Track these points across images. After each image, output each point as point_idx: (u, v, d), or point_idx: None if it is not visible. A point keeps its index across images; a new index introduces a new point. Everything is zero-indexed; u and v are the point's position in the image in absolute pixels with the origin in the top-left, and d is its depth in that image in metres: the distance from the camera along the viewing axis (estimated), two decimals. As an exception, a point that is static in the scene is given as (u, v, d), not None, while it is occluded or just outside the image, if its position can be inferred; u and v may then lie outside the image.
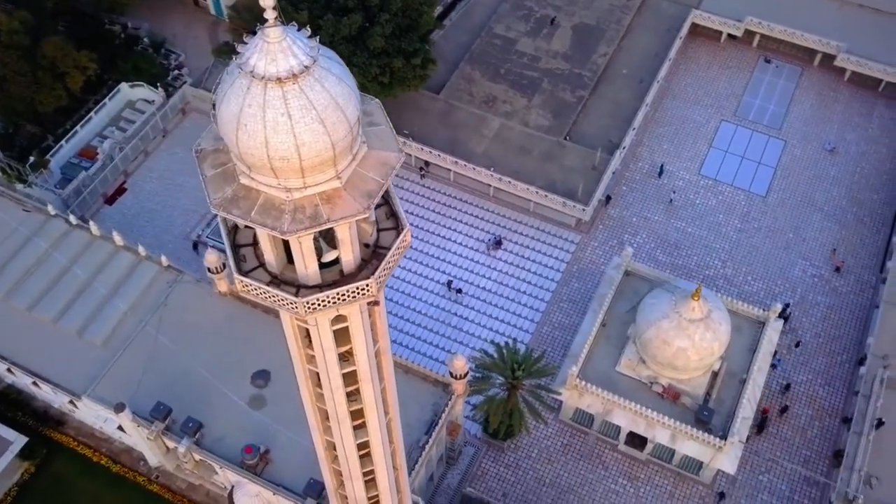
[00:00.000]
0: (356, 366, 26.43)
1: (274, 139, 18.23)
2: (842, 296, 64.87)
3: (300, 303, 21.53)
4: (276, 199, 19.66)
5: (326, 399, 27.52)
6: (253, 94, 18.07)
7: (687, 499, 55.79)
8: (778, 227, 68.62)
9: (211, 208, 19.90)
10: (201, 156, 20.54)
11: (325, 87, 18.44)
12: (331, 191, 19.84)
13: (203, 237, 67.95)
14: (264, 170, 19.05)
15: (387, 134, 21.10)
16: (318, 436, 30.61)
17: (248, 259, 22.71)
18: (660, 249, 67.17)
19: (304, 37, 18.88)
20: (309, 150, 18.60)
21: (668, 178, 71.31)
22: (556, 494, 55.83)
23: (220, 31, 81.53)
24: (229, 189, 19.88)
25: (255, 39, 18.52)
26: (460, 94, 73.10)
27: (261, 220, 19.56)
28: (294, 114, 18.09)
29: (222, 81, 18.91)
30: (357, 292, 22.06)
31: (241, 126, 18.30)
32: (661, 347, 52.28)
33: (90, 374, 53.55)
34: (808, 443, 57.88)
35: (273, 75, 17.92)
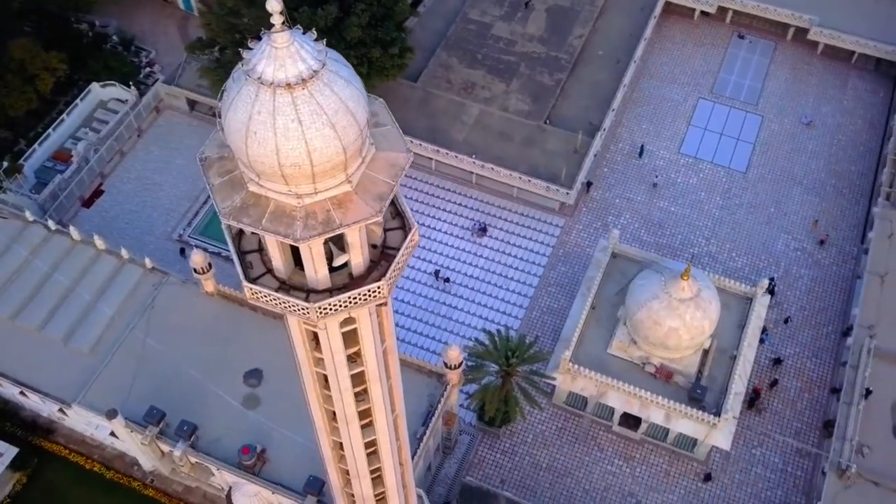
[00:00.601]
0: (365, 366, 26.24)
1: (285, 146, 17.89)
2: (824, 268, 65.59)
3: (312, 308, 21.26)
4: (287, 206, 19.34)
5: (335, 401, 27.28)
6: (262, 101, 17.70)
7: (682, 476, 56.33)
8: (759, 202, 69.16)
9: (221, 218, 19.48)
10: (206, 164, 20.14)
11: (335, 91, 18.12)
12: (341, 195, 19.55)
13: (185, 237, 67.15)
14: (275, 177, 18.72)
15: (393, 134, 20.83)
16: (324, 437, 30.39)
17: (254, 266, 22.39)
18: (644, 229, 67.45)
19: (310, 40, 18.50)
20: (320, 155, 18.29)
21: (648, 157, 71.54)
22: (554, 478, 56.12)
23: (191, 27, 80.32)
24: (238, 197, 19.52)
25: (260, 45, 18.13)
26: (438, 81, 72.67)
27: (272, 227, 19.24)
28: (304, 119, 17.76)
29: (228, 89, 18.51)
30: (369, 295, 21.83)
31: (251, 134, 17.94)
32: (652, 328, 52.57)
33: (79, 381, 52.78)
34: (798, 415, 58.63)
35: (282, 81, 17.57)
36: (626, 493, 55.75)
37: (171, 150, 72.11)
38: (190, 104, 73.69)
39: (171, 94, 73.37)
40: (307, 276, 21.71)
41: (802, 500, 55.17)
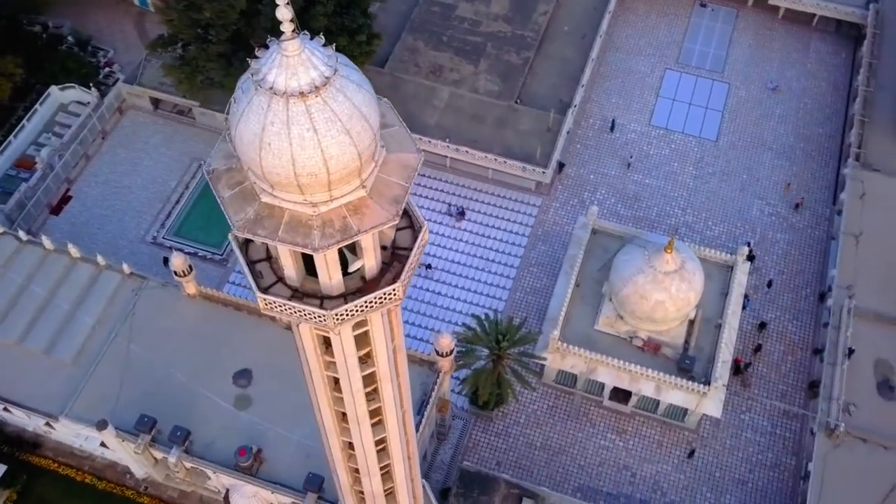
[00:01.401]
0: (376, 366, 26.04)
1: (301, 156, 17.50)
2: (799, 231, 66.53)
3: (329, 315, 20.96)
4: (303, 216, 18.96)
5: (346, 403, 27.05)
6: (275, 112, 17.26)
7: (674, 446, 57.06)
8: (731, 169, 69.81)
9: (235, 231, 19.05)
10: (214, 176, 19.64)
11: (348, 97, 17.74)
12: (357, 200, 19.22)
13: (160, 238, 66.06)
14: (290, 187, 18.31)
15: (402, 135, 20.49)
16: (334, 439, 30.18)
17: (265, 275, 21.97)
18: (620, 204, 67.77)
19: (319, 45, 18.07)
20: (337, 162, 17.93)
21: (620, 131, 71.75)
22: (549, 456, 56.52)
23: (148, 23, 78.53)
24: (251, 209, 19.08)
25: (269, 53, 17.66)
26: (406, 65, 72.02)
27: (290, 238, 18.86)
28: (320, 128, 17.37)
29: (236, 100, 18.01)
30: (385, 298, 21.58)
31: (265, 146, 17.50)
32: (638, 303, 52.94)
33: (64, 393, 51.82)
34: (783, 378, 59.61)
35: (295, 90, 17.14)
36: (620, 467, 56.35)
37: (138, 151, 70.71)
38: (153, 103, 72.25)
39: (133, 93, 71.82)
40: (321, 283, 21.38)
41: (793, 461, 56.24)
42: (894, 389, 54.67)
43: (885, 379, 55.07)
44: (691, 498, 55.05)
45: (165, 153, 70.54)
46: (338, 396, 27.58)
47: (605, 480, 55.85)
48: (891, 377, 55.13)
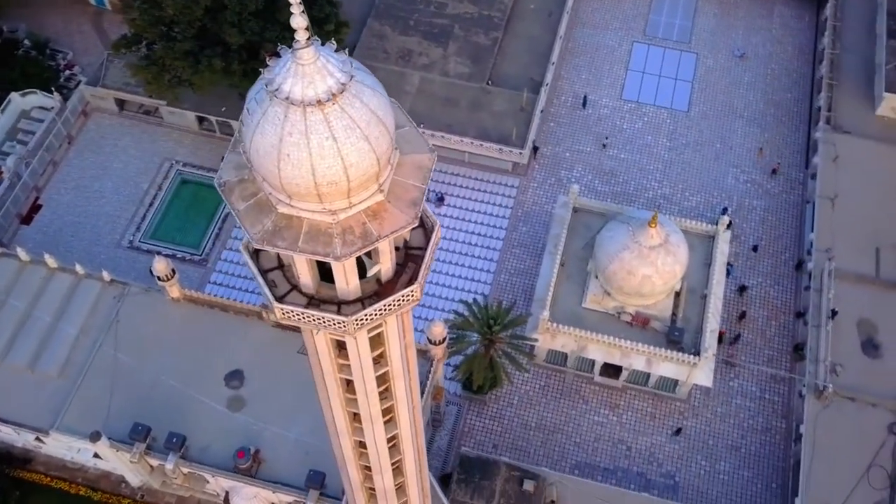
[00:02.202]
0: (389, 366, 25.87)
1: (321, 165, 17.16)
2: (774, 196, 67.29)
3: (350, 321, 20.71)
4: (322, 224, 18.63)
5: (360, 403, 26.86)
6: (292, 122, 16.88)
7: (667, 417, 57.74)
8: (704, 139, 70.28)
9: (254, 244, 18.69)
10: (226, 189, 19.20)
11: (364, 102, 17.40)
12: (375, 205, 18.94)
13: (136, 242, 64.98)
14: (309, 197, 17.97)
15: (413, 135, 20.22)
16: (346, 439, 29.96)
17: (278, 283, 21.63)
18: (597, 180, 67.98)
19: (331, 50, 17.68)
20: (356, 170, 17.63)
21: (592, 107, 71.85)
22: (545, 436, 56.90)
23: (106, 23, 76.85)
24: (268, 221, 18.71)
25: (283, 62, 17.24)
26: (374, 52, 71.28)
27: (310, 248, 18.53)
28: (339, 136, 17.03)
29: (250, 112, 17.56)
30: (403, 300, 21.38)
31: (284, 157, 17.12)
32: (626, 278, 53.24)
33: (53, 407, 51.07)
34: (768, 342, 60.48)
35: (312, 99, 16.75)
36: (616, 441, 56.92)
37: (107, 155, 69.30)
38: (119, 104, 70.79)
39: (97, 95, 70.27)
40: (338, 289, 21.09)
41: (783, 424, 57.21)
42: (878, 348, 55.75)
43: (868, 338, 56.11)
44: (687, 467, 55.81)
45: (135, 155, 69.26)
46: (350, 398, 27.36)
47: (601, 456, 56.38)
48: (874, 336, 56.19)
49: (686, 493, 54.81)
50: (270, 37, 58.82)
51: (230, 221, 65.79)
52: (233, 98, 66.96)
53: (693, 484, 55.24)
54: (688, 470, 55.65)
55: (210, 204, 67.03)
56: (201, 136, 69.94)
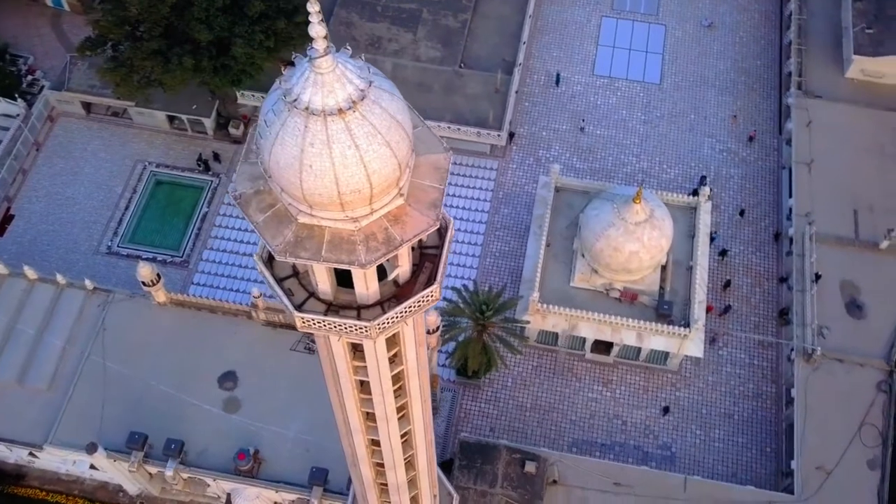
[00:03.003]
0: (404, 364, 25.76)
1: (344, 174, 16.89)
2: (750, 164, 67.88)
3: (373, 326, 20.52)
4: (344, 232, 18.37)
5: (376, 403, 26.73)
6: (314, 132, 16.56)
7: (659, 389, 58.31)
8: (678, 111, 70.59)
9: (276, 256, 18.39)
10: (243, 201, 18.85)
11: (383, 107, 17.14)
12: (396, 209, 18.72)
13: (115, 247, 63.91)
14: (331, 206, 17.70)
15: (427, 135, 19.98)
16: (360, 438, 29.86)
17: (295, 292, 21.36)
18: (575, 157, 68.07)
19: (347, 56, 17.35)
20: (379, 176, 17.38)
21: (565, 85, 71.77)
22: (541, 416, 57.23)
23: (65, 24, 75.05)
24: (288, 232, 18.41)
25: (300, 72, 16.86)
26: (343, 41, 69.25)
27: (335, 257, 18.28)
28: (361, 144, 16.76)
29: (268, 123, 17.17)
30: (423, 301, 21.23)
31: (306, 168, 16.81)
32: (613, 255, 53.49)
33: (45, 420, 50.43)
34: (753, 309, 61.20)
35: (333, 108, 16.44)
36: (611, 416, 57.41)
37: (77, 160, 67.94)
38: (85, 107, 69.35)
39: (62, 99, 68.76)
40: (357, 294, 20.89)
41: (773, 388, 58.04)
42: (862, 308, 56.70)
43: (852, 299, 57.04)
44: (682, 437, 56.51)
45: (106, 158, 67.97)
46: (365, 398, 27.22)
47: (597, 432, 56.87)
48: (857, 297, 57.13)
49: (683, 463, 55.52)
50: (240, 32, 57.92)
51: (209, 221, 65.03)
52: (203, 95, 66.01)
53: (689, 453, 55.96)
54: (683, 440, 56.35)
55: (187, 204, 66.19)
56: (173, 136, 68.83)
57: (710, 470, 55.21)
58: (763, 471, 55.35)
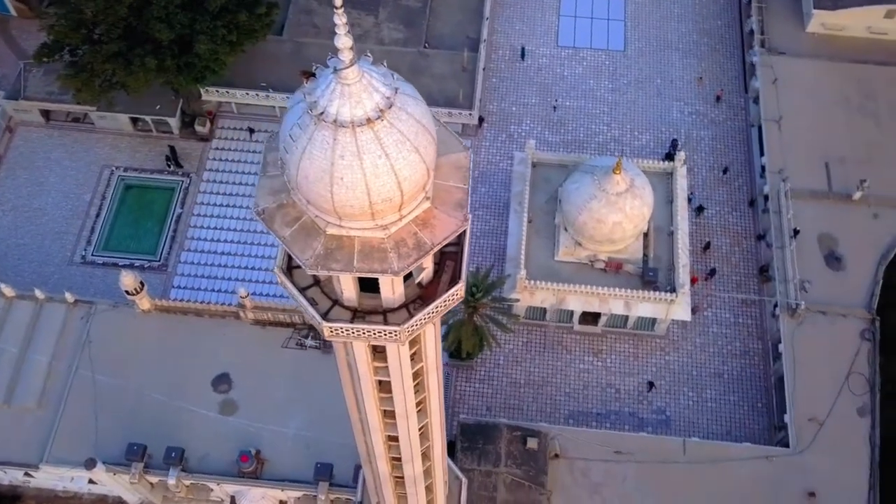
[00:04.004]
0: (424, 362, 25.72)
1: (376, 184, 16.63)
2: (719, 124, 68.44)
3: (402, 330, 20.37)
4: (374, 240, 18.13)
5: (396, 401, 26.65)
6: (343, 145, 16.24)
7: (649, 354, 58.99)
8: (644, 76, 70.82)
9: (307, 269, 18.10)
10: (267, 216, 18.47)
11: (409, 113, 16.86)
12: (423, 213, 18.51)
13: (90, 256, 62.66)
14: (362, 216, 17.45)
15: (445, 134, 19.70)
16: (378, 435, 29.78)
17: (318, 300, 21.10)
18: (547, 130, 68.08)
19: (369, 63, 17.01)
20: (409, 183, 17.16)
21: (531, 58, 71.55)
22: (535, 391, 57.64)
23: (14, 30, 72.68)
24: (317, 244, 18.11)
25: (324, 84, 16.48)
26: (304, 28, 69.42)
27: (367, 267, 18.05)
28: (391, 152, 16.50)
29: (294, 138, 16.77)
30: (449, 301, 21.13)
31: (337, 181, 16.51)
32: (596, 227, 53.73)
33: (38, 439, 49.64)
34: (734, 268, 62.00)
35: (361, 119, 16.13)
36: (604, 386, 58.01)
37: (41, 170, 66.26)
38: (44, 115, 67.52)
39: (20, 108, 66.85)
40: (383, 298, 20.68)
41: (759, 345, 59.00)
42: (841, 260, 57.77)
43: (830, 251, 58.07)
44: (675, 400, 57.32)
45: (71, 166, 66.41)
46: (384, 396, 27.12)
47: (592, 402, 57.45)
48: (835, 249, 58.17)
49: (678, 426, 56.38)
50: (201, 28, 56.68)
51: (184, 222, 64.00)
52: (165, 94, 64.64)
53: (683, 415, 56.81)
54: (677, 403, 57.17)
55: (159, 206, 65.07)
56: (138, 138, 67.40)
57: (705, 430, 56.15)
58: (756, 426, 56.42)
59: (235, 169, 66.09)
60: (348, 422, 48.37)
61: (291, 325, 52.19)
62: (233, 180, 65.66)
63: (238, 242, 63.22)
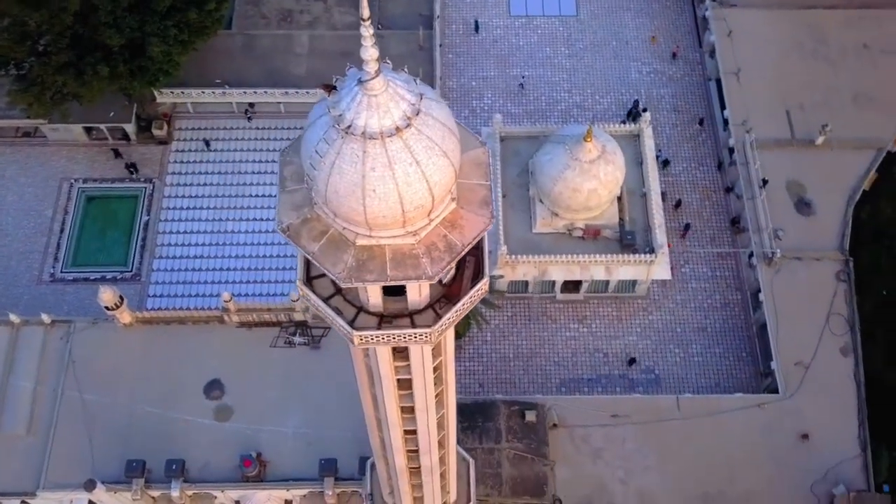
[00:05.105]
0: (443, 356, 25.69)
1: (408, 192, 16.38)
2: (678, 81, 68.95)
3: (433, 332, 20.24)
4: (405, 247, 17.91)
5: (417, 397, 26.61)
6: (373, 156, 15.95)
7: (632, 316, 59.68)
8: (599, 40, 70.90)
9: (340, 283, 17.83)
10: (293, 233, 18.11)
11: (435, 117, 16.61)
12: (450, 215, 18.32)
13: (58, 273, 61.15)
14: (393, 225, 17.21)
15: (462, 131, 19.39)
16: (396, 431, 29.73)
17: (343, 309, 20.84)
18: (509, 102, 67.96)
19: (390, 70, 16.69)
20: (440, 187, 16.95)
21: (485, 30, 71.20)
22: (525, 363, 58.03)
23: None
24: (348, 257, 17.83)
25: (348, 95, 16.14)
26: (253, 20, 68.12)
27: (401, 274, 17.83)
28: (421, 158, 16.25)
29: (321, 154, 16.35)
30: (476, 297, 21.03)
31: (369, 193, 16.22)
32: (572, 196, 53.92)
33: (32, 466, 48.48)
34: (706, 223, 62.82)
35: (390, 129, 15.85)
36: (591, 351, 58.59)
37: (-4, 189, 64.38)
38: (-9, 133, 65.50)
39: (-37, 125, 64.70)
40: (409, 301, 20.50)
41: (738, 295, 60.02)
42: (810, 205, 58.91)
43: (799, 198, 59.16)
44: (663, 358, 58.15)
45: (28, 182, 64.46)
46: (404, 393, 27.05)
47: (582, 368, 58.04)
48: (804, 195, 59.28)
49: (668, 383, 57.26)
50: (151, 30, 55.17)
51: (152, 229, 62.71)
52: (118, 101, 62.95)
53: (672, 372, 57.71)
54: (665, 361, 58.01)
55: (124, 215, 63.63)
56: (94, 147, 65.65)
57: (694, 385, 57.13)
58: (743, 375, 57.58)
59: (198, 170, 64.84)
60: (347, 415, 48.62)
61: (278, 324, 51.66)
62: (197, 181, 64.44)
63: (210, 244, 62.20)
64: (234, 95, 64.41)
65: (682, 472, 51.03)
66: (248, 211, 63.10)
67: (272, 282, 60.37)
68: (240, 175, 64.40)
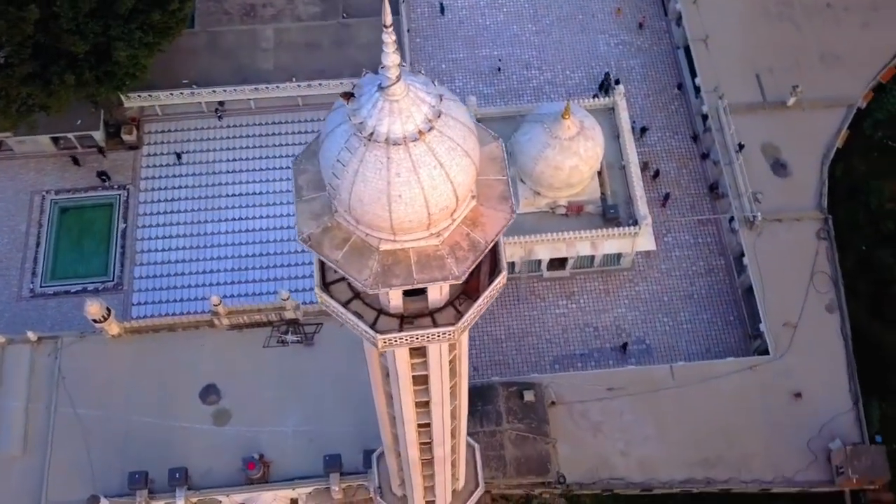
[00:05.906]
0: (458, 349, 25.68)
1: (433, 195, 16.24)
2: (646, 51, 69.08)
3: (457, 329, 20.20)
4: (429, 249, 17.79)
5: (433, 391, 26.60)
6: (398, 162, 15.77)
7: (619, 288, 60.07)
8: (566, 14, 70.72)
9: (367, 290, 17.68)
10: (314, 242, 17.89)
11: (455, 118, 16.45)
12: (471, 213, 18.23)
13: (38, 288, 60.08)
14: (419, 229, 17.09)
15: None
16: (410, 426, 29.73)
17: (364, 313, 20.71)
18: (481, 83, 67.69)
19: (407, 73, 16.46)
20: (463, 187, 16.82)
21: (451, 12, 70.70)
22: (517, 344, 58.24)
23: None
24: (373, 262, 17.67)
25: (368, 102, 15.87)
26: (216, 17, 66.97)
27: (428, 276, 17.72)
28: (444, 160, 16.10)
29: (344, 163, 16.10)
30: (494, 291, 21.00)
31: (395, 199, 16.05)
32: (554, 174, 53.98)
33: (31, 486, 48.09)
34: (685, 190, 63.24)
35: (413, 133, 15.66)
36: (582, 326, 58.94)
37: (-35, 206, 62.97)
38: (-44, 148, 63.94)
39: (-69, 142, 63.08)
40: (429, 300, 20.43)
41: (721, 261, 60.58)
42: (786, 166, 59.56)
43: (775, 160, 59.76)
44: (653, 328, 58.66)
45: (-2, 198, 63.27)
46: (419, 388, 27.03)
47: (574, 344, 58.39)
48: (779, 157, 59.88)
49: (660, 352, 57.78)
50: (116, 34, 54.04)
51: (130, 236, 61.79)
52: (84, 108, 61.71)
53: (663, 341, 58.26)
54: (654, 331, 58.53)
55: (101, 224, 62.60)
56: (63, 157, 64.40)
57: (685, 352, 57.71)
58: (731, 339, 58.28)
59: (172, 173, 63.89)
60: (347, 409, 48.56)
61: (269, 323, 51.38)
62: (172, 185, 63.50)
63: (191, 248, 61.46)
64: (202, 95, 63.48)
65: (680, 440, 51.67)
66: (226, 211, 62.40)
67: (258, 281, 59.88)
68: (215, 175, 63.62)
